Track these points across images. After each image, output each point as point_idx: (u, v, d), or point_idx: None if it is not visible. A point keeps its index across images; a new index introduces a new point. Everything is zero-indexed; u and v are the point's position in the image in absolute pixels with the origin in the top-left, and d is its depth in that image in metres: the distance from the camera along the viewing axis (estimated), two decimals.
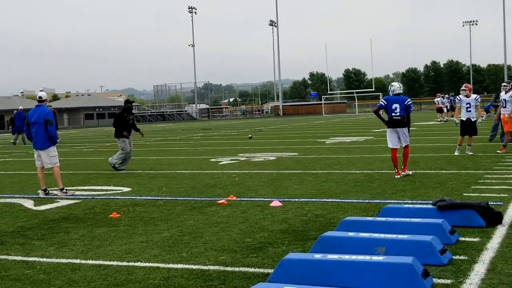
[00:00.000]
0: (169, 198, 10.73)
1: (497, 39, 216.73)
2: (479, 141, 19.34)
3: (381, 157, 16.60)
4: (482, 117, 16.61)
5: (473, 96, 16.23)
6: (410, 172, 12.45)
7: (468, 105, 16.03)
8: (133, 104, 17.61)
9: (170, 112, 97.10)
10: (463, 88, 16.47)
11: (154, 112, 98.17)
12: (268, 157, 18.07)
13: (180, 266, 6.06)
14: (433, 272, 5.40)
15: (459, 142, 16.11)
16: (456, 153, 15.92)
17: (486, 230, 7.08)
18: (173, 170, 15.64)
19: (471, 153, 15.80)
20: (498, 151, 16.12)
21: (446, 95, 46.64)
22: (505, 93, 16.93)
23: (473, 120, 15.99)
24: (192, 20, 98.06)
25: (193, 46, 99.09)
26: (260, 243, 6.92)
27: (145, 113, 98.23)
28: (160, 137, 36.29)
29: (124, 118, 16.29)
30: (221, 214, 8.88)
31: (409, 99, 12.59)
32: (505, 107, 16.82)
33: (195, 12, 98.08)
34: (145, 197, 10.96)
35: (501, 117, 16.95)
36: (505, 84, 17.42)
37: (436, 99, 43.27)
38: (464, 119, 16.05)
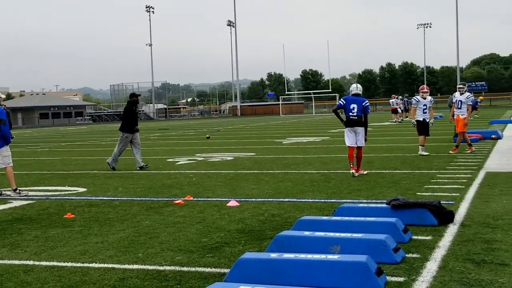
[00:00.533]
0: (125, 199, 10.64)
1: (450, 41, 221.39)
2: (432, 141, 19.72)
3: (337, 157, 16.79)
4: (432, 119, 16.97)
5: (429, 98, 16.60)
6: (365, 172, 12.64)
7: (425, 107, 16.39)
8: (91, 104, 17.46)
9: None
10: (424, 90, 16.86)
11: (110, 112, 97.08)
12: (226, 157, 18.08)
13: (135, 266, 6.02)
14: (387, 270, 5.50)
15: (421, 143, 16.39)
16: (424, 153, 16.14)
17: (438, 228, 7.24)
18: (129, 170, 15.50)
19: (427, 153, 16.10)
20: (451, 152, 16.48)
21: (401, 96, 47.35)
22: (460, 95, 17.31)
23: (427, 121, 16.35)
24: (149, 19, 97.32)
25: (150, 45, 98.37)
26: (216, 243, 6.93)
27: (101, 112, 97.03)
28: (116, 137, 35.84)
29: (133, 111, 16.08)
30: (178, 214, 8.85)
31: (366, 101, 12.87)
32: (460, 108, 17.20)
33: (153, 12, 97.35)
34: (101, 198, 10.84)
35: (455, 117, 17.30)
36: (460, 86, 17.81)
37: (391, 100, 43.93)
38: (420, 119, 16.40)
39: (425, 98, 16.48)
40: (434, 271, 5.50)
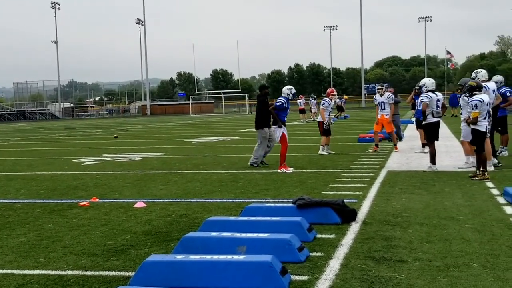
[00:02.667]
0: (28, 201, 10.27)
1: (355, 44, 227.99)
2: (337, 141, 20.26)
3: (246, 156, 16.87)
4: (335, 117, 17.55)
5: (338, 100, 17.27)
6: (283, 171, 12.97)
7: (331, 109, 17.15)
8: None
9: (31, 111, 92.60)
10: (334, 93, 17.68)
11: (14, 111, 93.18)
12: (134, 157, 17.81)
13: (36, 272, 5.83)
14: (291, 269, 5.60)
15: (324, 142, 16.76)
16: (324, 153, 16.54)
17: (342, 227, 7.45)
18: (32, 171, 14.98)
19: (327, 153, 16.55)
20: (370, 150, 17.03)
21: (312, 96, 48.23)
22: (381, 96, 17.85)
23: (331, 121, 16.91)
24: (55, 16, 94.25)
25: (56, 43, 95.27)
26: (122, 245, 6.82)
27: (4, 111, 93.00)
28: (19, 137, 34.58)
29: (267, 104, 14.56)
30: (83, 217, 8.64)
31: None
32: (383, 109, 17.74)
33: (59, 8, 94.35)
34: (1, 201, 10.42)
35: (379, 117, 17.81)
36: (379, 87, 18.36)
37: (298, 101, 44.70)
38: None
39: (334, 101, 17.17)
40: (336, 269, 5.66)
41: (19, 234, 7.61)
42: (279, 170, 13.06)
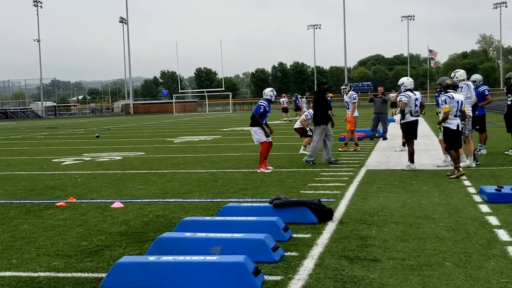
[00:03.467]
0: (3, 201, 10.18)
1: (339, 43, 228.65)
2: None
3: (227, 156, 16.91)
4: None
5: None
6: (262, 171, 13.00)
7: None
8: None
9: (13, 109, 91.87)
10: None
11: None
12: (114, 157, 17.72)
13: (8, 274, 5.77)
14: (265, 269, 5.60)
15: (306, 143, 16.83)
16: (305, 153, 16.62)
17: (318, 226, 7.45)
18: (11, 171, 14.85)
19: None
20: (340, 149, 17.09)
21: (299, 95, 48.41)
22: (346, 95, 17.99)
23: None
24: (37, 14, 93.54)
25: (38, 41, 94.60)
26: (96, 246, 6.78)
27: None
28: (0, 136, 34.28)
29: (325, 100, 14.36)
30: (59, 217, 8.57)
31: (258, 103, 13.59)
32: (348, 108, 17.88)
33: (41, 6, 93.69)
34: None
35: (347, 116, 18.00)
36: (343, 86, 18.46)
37: (281, 99, 44.77)
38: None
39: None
40: (310, 268, 5.66)
41: None
42: (258, 170, 13.05)
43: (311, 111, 17.08)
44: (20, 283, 5.47)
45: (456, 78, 13.07)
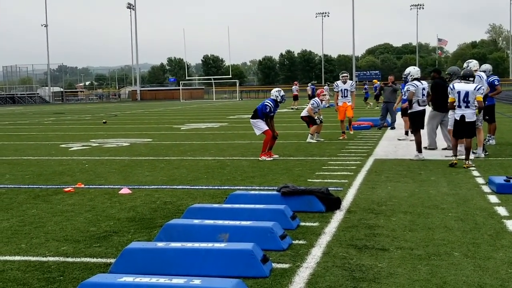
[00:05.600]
0: (12, 186, 10.21)
1: (347, 31, 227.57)
2: (326, 128, 20.24)
3: (234, 143, 16.90)
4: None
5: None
6: (263, 158, 13.02)
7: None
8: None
9: (21, 94, 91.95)
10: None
11: (3, 95, 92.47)
12: (122, 143, 17.75)
13: (17, 258, 5.80)
14: (273, 257, 5.60)
15: (313, 131, 16.81)
16: (312, 141, 16.63)
17: (325, 215, 7.45)
18: (19, 156, 14.89)
19: (315, 141, 16.60)
20: (340, 138, 17.12)
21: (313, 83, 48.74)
22: (344, 83, 17.94)
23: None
24: None
25: (46, 26, 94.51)
26: (105, 232, 6.80)
27: None
28: (8, 121, 34.36)
29: (445, 88, 13.04)
30: (67, 203, 8.60)
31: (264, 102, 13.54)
32: (346, 96, 17.85)
33: None
34: None
35: (341, 105, 17.93)
36: (344, 74, 18.38)
37: (293, 87, 44.86)
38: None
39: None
40: (318, 257, 5.66)
41: (2, 219, 7.57)
42: (259, 158, 13.00)
43: (317, 99, 17.05)
44: (29, 267, 5.49)
45: (470, 68, 12.97)
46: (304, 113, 17.17)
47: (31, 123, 31.06)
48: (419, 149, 12.52)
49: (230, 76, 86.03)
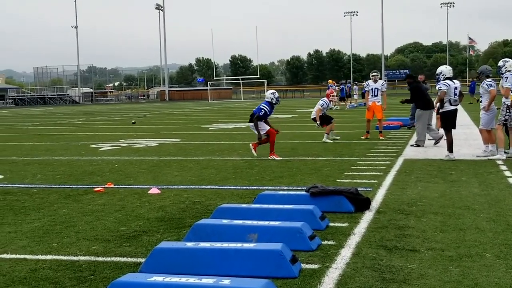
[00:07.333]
0: (43, 186, 10.35)
1: (376, 30, 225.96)
2: (353, 128, 20.13)
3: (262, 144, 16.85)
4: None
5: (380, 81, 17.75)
6: (273, 157, 13.18)
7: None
8: (13, 87, 16.50)
9: (51, 95, 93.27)
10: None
11: (34, 96, 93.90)
12: (150, 143, 17.87)
13: (49, 257, 5.87)
14: (302, 257, 5.58)
15: (328, 130, 16.77)
16: (328, 140, 16.59)
17: (355, 215, 7.40)
18: (50, 156, 15.09)
19: (338, 137, 16.54)
20: (362, 137, 17.06)
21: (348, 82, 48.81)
22: (375, 82, 17.76)
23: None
24: (75, 1, 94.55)
25: (76, 27, 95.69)
26: (134, 231, 6.85)
27: (24, 96, 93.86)
28: (38, 121, 34.86)
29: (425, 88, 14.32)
30: (97, 202, 8.68)
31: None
32: (376, 95, 17.67)
33: None
34: (18, 185, 10.50)
35: (370, 104, 17.68)
36: (374, 73, 18.23)
37: (341, 86, 44.95)
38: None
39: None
40: (348, 258, 5.62)
41: (34, 219, 7.67)
42: (269, 157, 13.10)
43: (326, 99, 17.05)
44: (60, 266, 5.56)
45: (505, 67, 12.68)
46: (313, 114, 17.13)
47: (61, 124, 31.46)
48: (450, 149, 12.37)
49: (258, 76, 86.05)
